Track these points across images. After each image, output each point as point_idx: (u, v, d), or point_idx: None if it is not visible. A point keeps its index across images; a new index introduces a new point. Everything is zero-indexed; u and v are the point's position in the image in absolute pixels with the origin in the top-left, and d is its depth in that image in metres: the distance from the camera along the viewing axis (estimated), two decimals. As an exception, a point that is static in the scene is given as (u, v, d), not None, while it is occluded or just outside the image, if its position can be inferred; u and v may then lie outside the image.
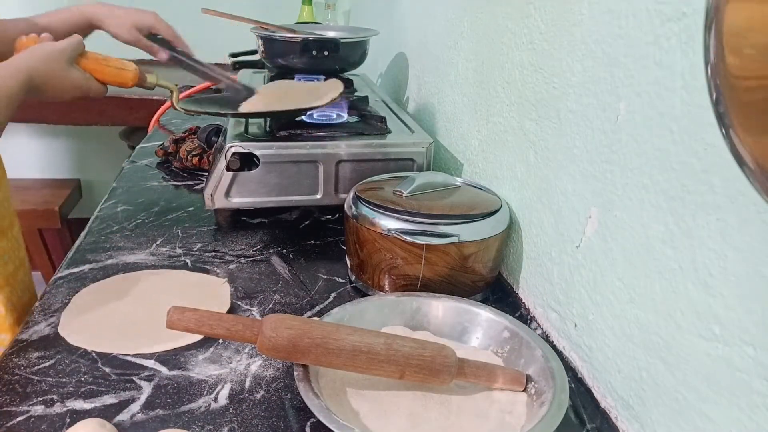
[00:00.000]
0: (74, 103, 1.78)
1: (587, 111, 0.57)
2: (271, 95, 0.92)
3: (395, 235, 0.64)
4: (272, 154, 0.81)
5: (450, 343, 0.58)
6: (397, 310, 0.61)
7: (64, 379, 0.54)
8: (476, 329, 0.60)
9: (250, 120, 0.90)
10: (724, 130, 0.29)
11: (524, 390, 0.53)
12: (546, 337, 0.65)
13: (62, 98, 0.69)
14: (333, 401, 0.50)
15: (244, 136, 0.83)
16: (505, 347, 0.57)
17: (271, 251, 0.80)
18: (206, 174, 0.93)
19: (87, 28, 0.93)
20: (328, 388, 0.51)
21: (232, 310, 0.67)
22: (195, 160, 1.06)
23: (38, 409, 0.51)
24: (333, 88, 0.85)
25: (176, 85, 0.82)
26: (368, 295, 0.70)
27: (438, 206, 0.67)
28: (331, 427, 0.44)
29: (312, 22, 1.76)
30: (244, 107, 0.88)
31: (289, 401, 0.54)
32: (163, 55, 0.91)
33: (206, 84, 1.36)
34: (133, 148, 1.40)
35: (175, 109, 0.83)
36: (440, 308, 0.61)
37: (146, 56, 0.95)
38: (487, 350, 0.58)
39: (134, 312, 0.64)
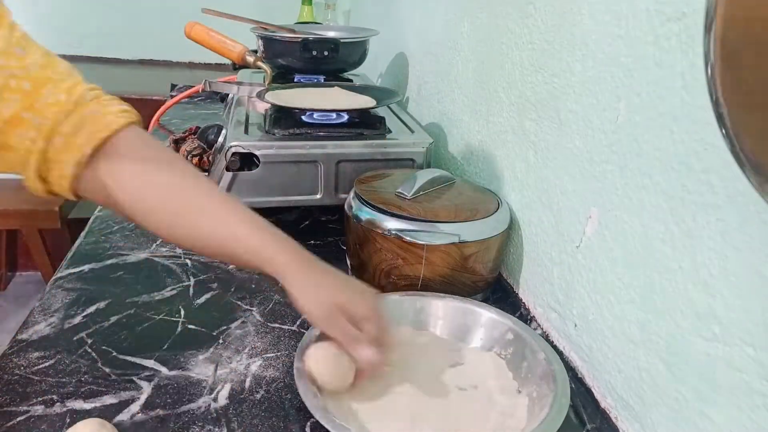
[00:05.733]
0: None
1: (587, 111, 0.57)
2: None
3: (396, 236, 0.64)
4: (272, 154, 0.81)
5: (453, 343, 0.59)
6: (401, 310, 0.61)
7: (64, 379, 0.54)
8: (480, 330, 0.59)
9: (250, 120, 0.90)
10: (724, 130, 0.29)
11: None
12: (546, 337, 0.65)
13: None
14: (332, 400, 0.50)
15: (244, 136, 0.83)
16: (509, 349, 0.57)
17: (271, 251, 0.80)
18: (206, 174, 0.93)
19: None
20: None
21: (232, 310, 0.67)
22: (195, 160, 1.05)
23: (38, 409, 0.51)
24: None
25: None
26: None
27: (438, 206, 0.67)
28: (327, 426, 0.44)
29: (312, 22, 1.76)
30: None
31: (289, 401, 0.54)
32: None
33: (194, 89, 1.36)
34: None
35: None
36: (444, 308, 0.61)
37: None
38: (491, 351, 0.58)
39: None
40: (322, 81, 1.13)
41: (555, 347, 0.63)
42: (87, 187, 0.51)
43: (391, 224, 0.64)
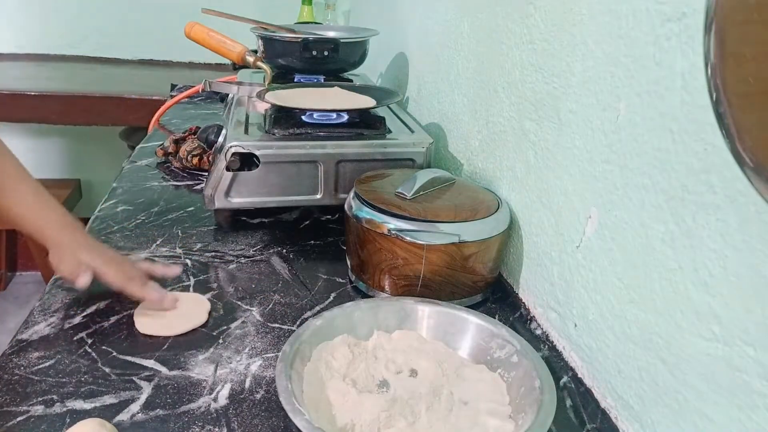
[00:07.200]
0: (74, 102, 1.79)
1: (587, 111, 0.57)
2: None
3: (396, 235, 0.64)
4: (272, 154, 0.81)
5: (450, 354, 0.58)
6: (412, 318, 0.60)
7: (64, 379, 0.54)
8: (490, 350, 0.57)
9: (250, 120, 0.91)
10: (724, 130, 0.29)
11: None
12: (546, 337, 0.65)
13: None
14: (314, 388, 0.50)
15: (244, 136, 0.83)
16: (512, 372, 0.55)
17: (271, 251, 0.80)
18: (206, 174, 0.93)
19: None
20: (311, 374, 0.52)
21: (232, 310, 0.67)
22: (195, 160, 1.06)
23: (38, 409, 0.51)
24: None
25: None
26: (369, 295, 0.70)
27: (438, 206, 0.67)
28: (292, 417, 0.44)
29: (312, 22, 1.76)
30: None
31: (289, 401, 0.54)
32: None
33: (194, 89, 1.37)
34: (133, 148, 1.40)
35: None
36: (457, 322, 0.59)
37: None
38: (495, 372, 0.56)
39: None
40: (322, 81, 1.13)
41: (555, 347, 0.63)
42: None
43: (391, 224, 0.64)
